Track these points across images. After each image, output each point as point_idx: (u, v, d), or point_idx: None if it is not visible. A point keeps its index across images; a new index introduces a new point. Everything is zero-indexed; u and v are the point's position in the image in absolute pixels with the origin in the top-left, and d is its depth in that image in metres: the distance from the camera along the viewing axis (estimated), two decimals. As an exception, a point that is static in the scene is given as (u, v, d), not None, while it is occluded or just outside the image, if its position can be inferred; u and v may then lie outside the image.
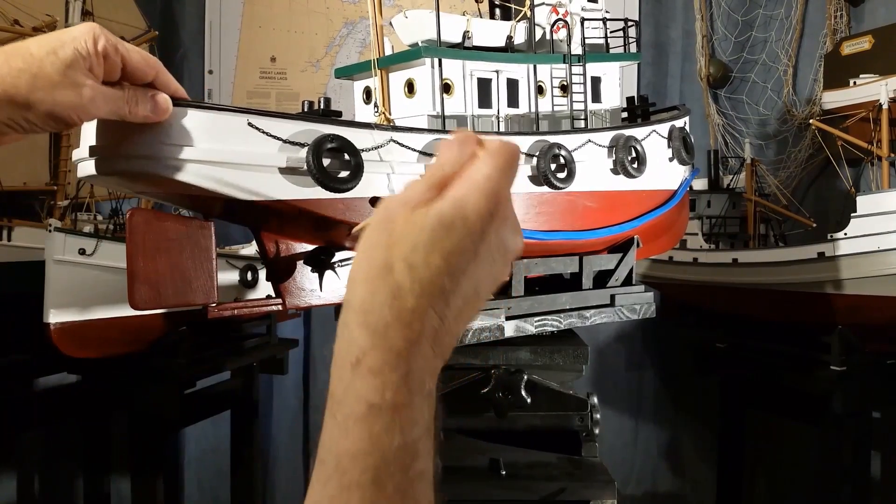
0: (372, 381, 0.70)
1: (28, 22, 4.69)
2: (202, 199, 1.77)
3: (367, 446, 0.70)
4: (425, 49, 2.40)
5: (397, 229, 0.75)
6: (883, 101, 4.40)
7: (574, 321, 2.40)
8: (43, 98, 1.19)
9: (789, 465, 5.69)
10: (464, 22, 2.56)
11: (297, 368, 6.01)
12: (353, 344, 0.73)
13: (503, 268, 0.83)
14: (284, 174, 1.80)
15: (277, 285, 2.05)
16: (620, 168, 2.42)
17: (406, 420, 0.71)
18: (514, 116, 2.57)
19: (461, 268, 0.76)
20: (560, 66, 2.65)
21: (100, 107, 1.27)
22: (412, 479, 0.72)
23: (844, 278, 4.20)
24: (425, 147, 2.04)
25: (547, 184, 2.22)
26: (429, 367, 0.75)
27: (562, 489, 2.19)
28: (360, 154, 1.88)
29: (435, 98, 2.39)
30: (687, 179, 2.85)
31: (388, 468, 0.70)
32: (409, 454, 0.71)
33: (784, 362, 4.64)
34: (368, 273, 0.75)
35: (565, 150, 2.26)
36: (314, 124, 1.84)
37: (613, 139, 2.45)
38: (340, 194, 1.86)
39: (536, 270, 2.40)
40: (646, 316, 2.57)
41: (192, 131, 1.62)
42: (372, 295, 0.73)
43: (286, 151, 1.78)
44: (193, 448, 5.96)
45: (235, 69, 5.98)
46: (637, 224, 2.54)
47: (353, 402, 0.71)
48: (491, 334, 2.19)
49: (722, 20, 6.15)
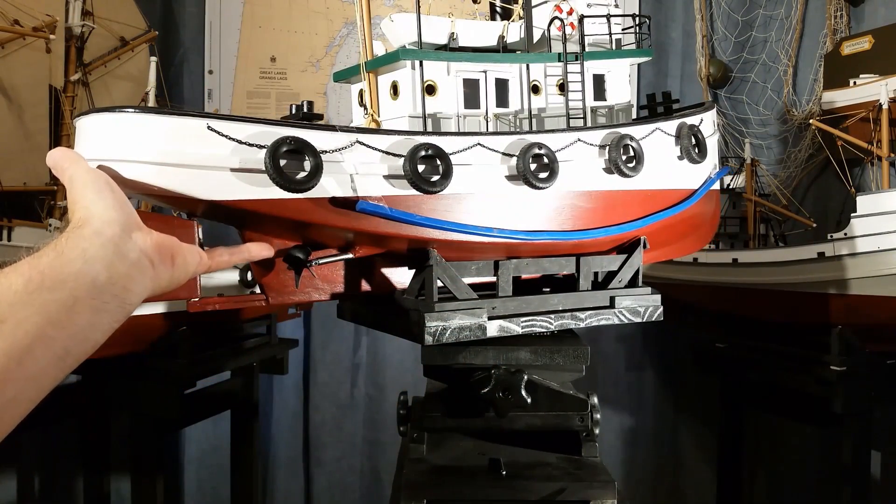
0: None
1: (28, 22, 4.69)
2: (179, 200, 1.84)
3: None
4: (403, 52, 2.44)
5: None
6: (883, 101, 4.41)
7: (567, 322, 2.35)
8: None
9: (789, 465, 5.69)
10: (448, 23, 2.59)
11: (297, 368, 6.02)
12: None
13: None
14: (239, 174, 1.86)
15: (261, 280, 2.13)
16: (614, 167, 2.37)
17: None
18: (503, 116, 2.57)
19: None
20: (556, 65, 2.64)
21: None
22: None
23: (844, 278, 4.20)
24: (390, 147, 2.05)
25: (526, 183, 2.21)
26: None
27: (562, 489, 2.19)
28: (319, 155, 1.92)
29: (416, 99, 2.42)
30: (712, 178, 2.76)
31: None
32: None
33: (784, 362, 4.64)
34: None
35: (547, 150, 2.23)
36: (273, 127, 1.90)
37: (606, 138, 2.39)
38: (298, 194, 1.91)
39: (529, 271, 2.38)
40: (651, 319, 2.48)
41: (154, 136, 1.74)
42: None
43: (242, 153, 1.85)
44: (193, 448, 5.97)
45: (235, 69, 5.99)
46: (642, 225, 2.49)
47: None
48: (472, 333, 2.18)
49: (722, 20, 6.15)
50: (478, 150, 2.18)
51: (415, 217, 2.07)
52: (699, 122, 2.70)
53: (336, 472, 6.07)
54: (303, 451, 6.16)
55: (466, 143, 2.17)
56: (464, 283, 2.21)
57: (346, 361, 6.08)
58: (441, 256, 2.16)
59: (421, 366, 2.46)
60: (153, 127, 1.76)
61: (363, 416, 6.10)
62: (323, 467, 6.07)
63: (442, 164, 2.09)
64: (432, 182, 2.08)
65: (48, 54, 4.84)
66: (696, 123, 2.66)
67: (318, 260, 2.13)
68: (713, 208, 2.98)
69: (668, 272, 5.33)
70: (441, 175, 2.09)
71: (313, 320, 6.05)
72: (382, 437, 5.99)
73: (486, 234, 2.19)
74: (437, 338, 2.12)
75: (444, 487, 2.22)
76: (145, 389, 4.42)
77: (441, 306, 2.13)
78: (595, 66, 2.75)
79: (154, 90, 5.08)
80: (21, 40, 4.66)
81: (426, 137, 2.11)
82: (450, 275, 2.18)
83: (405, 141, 2.08)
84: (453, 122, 2.50)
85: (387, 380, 6.01)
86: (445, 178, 2.10)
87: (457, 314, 2.15)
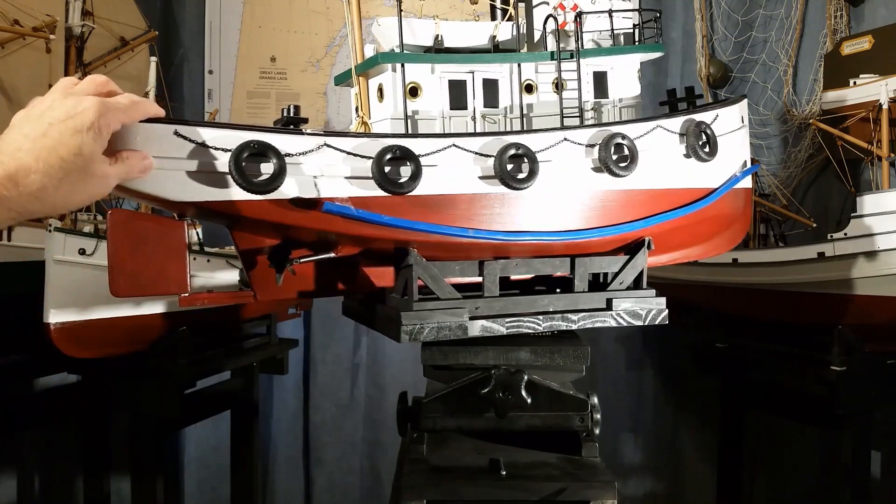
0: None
1: (28, 22, 4.69)
2: (155, 201, 1.95)
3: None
4: (383, 55, 2.49)
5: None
6: (883, 101, 4.40)
7: (558, 324, 2.31)
8: (81, 199, 1.42)
9: (789, 465, 5.69)
10: (433, 26, 2.62)
11: (297, 368, 6.01)
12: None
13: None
14: (199, 177, 1.95)
15: (249, 274, 2.22)
16: (604, 167, 2.34)
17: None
18: (491, 116, 2.58)
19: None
20: (550, 63, 2.63)
21: (112, 185, 1.54)
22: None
23: (844, 278, 4.20)
24: (354, 149, 2.09)
25: (503, 184, 2.21)
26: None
27: (562, 489, 2.19)
28: (283, 158, 1.99)
29: (397, 101, 2.45)
30: (737, 177, 2.66)
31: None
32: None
33: (784, 362, 4.64)
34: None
35: (525, 150, 2.22)
36: (239, 131, 1.98)
37: (595, 136, 2.33)
38: (261, 196, 1.99)
39: (518, 272, 2.36)
40: (654, 322, 2.38)
41: (131, 143, 1.80)
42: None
43: (208, 157, 1.94)
44: (193, 448, 5.96)
45: (235, 69, 5.99)
46: (645, 225, 2.43)
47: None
48: (451, 333, 2.18)
49: (722, 20, 6.15)
50: (452, 150, 2.19)
51: (381, 217, 2.09)
52: (712, 118, 2.60)
53: (336, 472, 6.07)
54: (303, 451, 6.16)
55: (440, 145, 2.18)
56: (445, 282, 2.20)
57: (346, 361, 6.08)
58: (421, 256, 2.16)
59: (421, 366, 2.46)
60: (128, 132, 1.82)
61: (363, 416, 6.10)
62: (323, 467, 6.07)
63: (411, 165, 2.11)
64: (399, 183, 2.10)
65: (48, 54, 4.83)
66: (706, 120, 2.56)
67: (299, 259, 2.19)
68: (742, 207, 2.85)
69: (669, 272, 5.33)
70: (409, 177, 2.11)
71: (313, 320, 6.05)
72: (382, 437, 5.99)
73: (458, 235, 2.19)
74: (413, 336, 2.14)
75: (444, 487, 2.22)
76: (145, 389, 4.42)
77: (420, 305, 2.14)
78: (596, 63, 2.73)
79: (154, 90, 5.09)
80: (21, 40, 4.66)
81: (395, 140, 2.13)
82: (431, 274, 2.18)
83: (372, 143, 2.11)
84: (438, 122, 2.52)
85: (387, 380, 6.01)
86: (414, 180, 2.11)
87: (435, 313, 2.16)
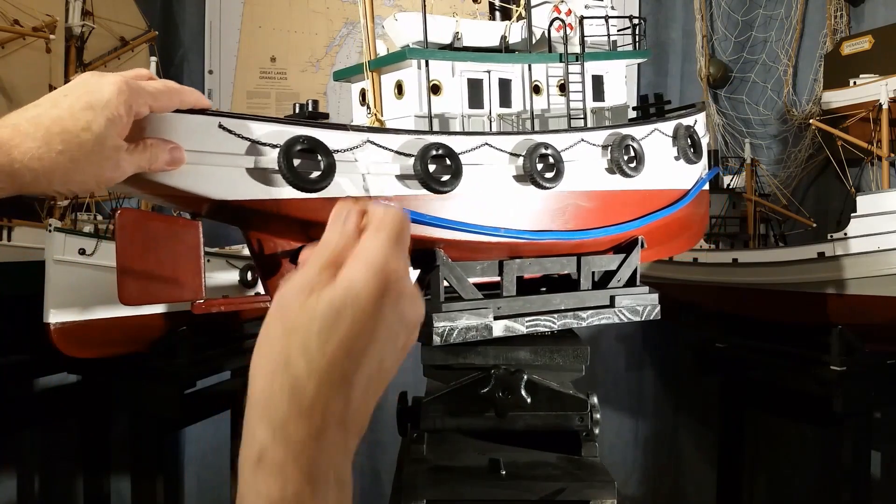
0: (273, 477, 0.69)
1: (28, 22, 4.69)
2: (184, 199, 1.80)
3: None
4: (410, 51, 2.43)
5: (291, 318, 0.75)
6: (883, 101, 4.40)
7: (569, 322, 2.36)
8: (84, 179, 1.22)
9: (789, 465, 5.69)
10: (453, 23, 2.59)
11: (297, 368, 6.00)
12: (254, 440, 0.72)
13: (407, 337, 0.82)
14: (253, 175, 1.83)
15: (266, 282, 2.09)
16: (616, 167, 2.39)
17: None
18: (506, 116, 2.58)
19: (360, 349, 0.74)
20: (558, 65, 2.64)
21: (127, 172, 1.32)
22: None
23: (844, 278, 4.20)
24: (401, 147, 2.04)
25: (533, 183, 2.21)
26: (339, 451, 0.74)
27: (562, 489, 2.19)
28: (332, 154, 1.90)
29: (422, 99, 2.41)
30: (703, 179, 2.80)
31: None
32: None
33: (784, 362, 4.64)
34: (266, 366, 0.76)
35: (553, 150, 2.24)
36: (286, 126, 1.87)
37: (608, 138, 2.41)
38: (312, 194, 1.89)
39: (531, 271, 2.38)
40: (649, 317, 2.51)
41: (165, 134, 1.66)
42: (270, 389, 0.74)
43: (256, 153, 1.81)
44: (193, 448, 5.96)
45: (235, 69, 5.98)
46: (640, 224, 2.51)
47: (255, 499, 0.69)
48: (478, 333, 2.18)
49: (722, 20, 6.15)
50: (485, 149, 2.19)
51: (425, 217, 2.07)
52: (694, 123, 2.73)
53: (336, 472, 6.06)
54: (303, 451, 6.15)
55: (475, 143, 2.17)
56: (469, 283, 2.21)
57: (346, 361, 6.07)
58: (447, 256, 2.16)
59: (421, 366, 2.46)
60: (164, 125, 1.69)
61: (363, 416, 6.09)
62: (323, 467, 6.05)
63: (452, 163, 2.09)
64: (443, 182, 2.08)
65: (48, 54, 4.83)
66: (691, 125, 2.68)
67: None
68: (704, 208, 3.03)
69: (668, 272, 5.33)
70: (451, 175, 2.09)
71: (313, 320, 6.04)
72: (382, 437, 5.98)
73: (494, 234, 2.20)
74: (444, 338, 2.12)
75: (444, 487, 2.22)
76: (145, 389, 4.41)
77: (448, 306, 2.13)
78: (594, 67, 2.76)
79: (154, 90, 5.08)
80: (21, 40, 4.65)
81: (436, 137, 2.11)
82: (456, 275, 2.18)
83: (415, 140, 2.08)
84: (458, 121, 2.50)
85: (387, 379, 6.00)
86: (455, 178, 2.10)
87: (464, 314, 2.16)
